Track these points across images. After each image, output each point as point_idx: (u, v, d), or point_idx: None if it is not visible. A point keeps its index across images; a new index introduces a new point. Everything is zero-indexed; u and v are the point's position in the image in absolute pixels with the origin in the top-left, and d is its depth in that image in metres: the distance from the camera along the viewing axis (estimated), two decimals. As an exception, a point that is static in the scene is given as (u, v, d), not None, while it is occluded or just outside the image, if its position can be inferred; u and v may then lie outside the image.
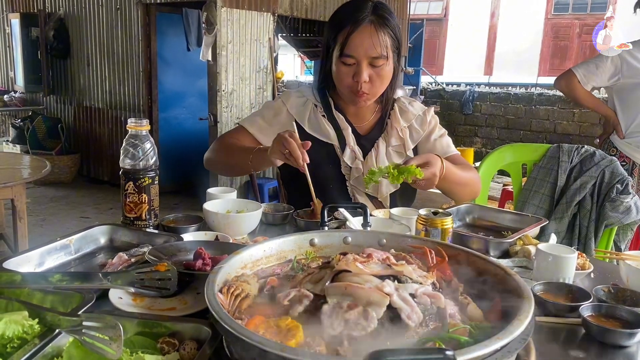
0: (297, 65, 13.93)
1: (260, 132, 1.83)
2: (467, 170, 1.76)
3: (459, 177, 1.68)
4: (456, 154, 1.86)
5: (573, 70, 3.00)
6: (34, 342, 0.79)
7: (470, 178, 1.76)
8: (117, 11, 6.32)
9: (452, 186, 1.70)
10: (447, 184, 1.65)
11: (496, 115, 9.06)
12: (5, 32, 8.04)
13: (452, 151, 1.85)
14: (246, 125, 1.85)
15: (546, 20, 11.89)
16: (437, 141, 1.85)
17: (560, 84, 3.08)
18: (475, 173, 1.82)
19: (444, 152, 1.82)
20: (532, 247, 1.38)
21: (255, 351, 0.71)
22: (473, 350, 0.70)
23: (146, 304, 1.04)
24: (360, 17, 1.64)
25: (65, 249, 1.30)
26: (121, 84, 6.50)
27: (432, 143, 1.85)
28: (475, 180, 1.79)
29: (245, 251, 1.05)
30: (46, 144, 6.78)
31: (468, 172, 1.76)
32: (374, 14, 1.65)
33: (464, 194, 1.78)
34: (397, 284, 0.90)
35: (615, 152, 2.97)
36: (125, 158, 1.45)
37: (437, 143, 1.85)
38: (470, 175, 1.76)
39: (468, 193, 1.79)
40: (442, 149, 1.84)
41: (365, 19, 1.64)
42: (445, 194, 1.78)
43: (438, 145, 1.84)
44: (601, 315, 1.06)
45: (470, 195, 1.81)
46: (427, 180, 1.51)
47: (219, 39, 5.21)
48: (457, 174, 1.66)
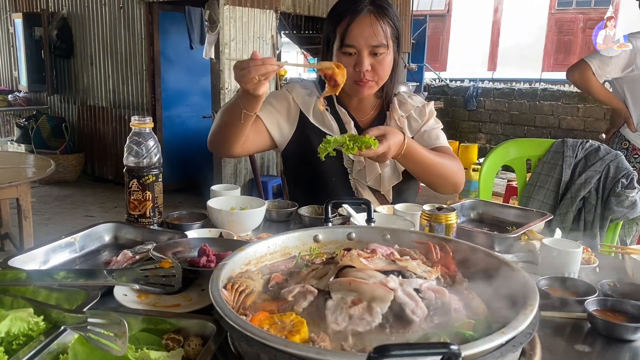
0: (300, 62, 13.92)
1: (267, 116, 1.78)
2: (444, 157, 1.70)
3: (426, 158, 1.62)
4: (443, 146, 1.80)
5: (587, 61, 2.88)
6: (40, 339, 0.80)
7: (446, 165, 1.69)
8: (120, 10, 6.33)
9: (418, 168, 1.65)
10: (411, 163, 1.62)
11: (500, 111, 9.02)
12: (8, 32, 8.06)
13: (439, 143, 1.80)
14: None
15: (550, 15, 11.83)
16: (427, 132, 1.82)
17: (574, 76, 2.96)
18: (455, 164, 1.73)
19: (430, 144, 1.78)
20: (536, 242, 1.38)
21: (259, 347, 0.71)
22: (478, 345, 0.70)
23: (151, 300, 1.04)
24: (359, 7, 1.65)
25: (70, 247, 1.30)
26: (125, 83, 6.51)
27: (421, 133, 1.82)
28: (452, 168, 1.71)
29: (249, 248, 1.05)
30: (50, 143, 6.79)
31: (444, 158, 1.69)
32: (372, 4, 1.66)
33: (439, 182, 1.71)
34: (401, 279, 0.90)
35: (628, 145, 2.93)
36: (129, 156, 1.45)
37: (425, 134, 1.81)
38: (446, 162, 1.69)
39: (444, 182, 1.71)
40: (429, 139, 1.80)
41: (364, 8, 1.65)
42: (417, 178, 1.75)
43: (426, 136, 1.81)
44: (607, 309, 1.06)
45: (449, 185, 1.73)
46: (381, 154, 1.48)
47: (222, 36, 5.21)
48: (424, 155, 1.61)
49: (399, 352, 0.62)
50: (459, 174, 1.75)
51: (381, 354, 0.62)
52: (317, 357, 0.68)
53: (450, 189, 1.74)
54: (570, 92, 8.30)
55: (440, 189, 1.74)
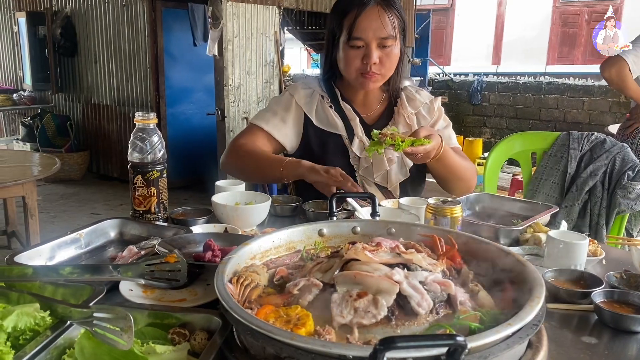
0: (304, 59, 13.91)
1: (275, 129, 1.81)
2: (464, 160, 1.77)
3: (454, 162, 1.69)
4: (456, 147, 1.85)
5: (623, 57, 2.76)
6: (46, 333, 0.80)
7: (466, 168, 1.76)
8: (124, 8, 6.33)
9: (446, 170, 1.70)
10: (441, 166, 1.66)
11: (505, 105, 8.98)
12: (12, 32, 8.08)
13: (452, 143, 1.84)
14: (261, 124, 1.81)
15: (554, 8, 11.75)
16: (440, 132, 1.83)
17: (610, 73, 2.81)
18: (472, 166, 1.81)
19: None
20: (542, 234, 1.37)
21: (265, 340, 0.72)
22: (484, 336, 0.70)
23: (156, 295, 1.04)
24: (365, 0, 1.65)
25: (76, 243, 1.31)
26: (129, 81, 6.52)
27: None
28: (470, 171, 1.79)
29: (254, 242, 1.05)
30: (55, 141, 6.82)
31: (465, 161, 1.77)
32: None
33: (457, 185, 1.77)
34: (406, 272, 0.89)
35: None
36: (134, 152, 1.46)
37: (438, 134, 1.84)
38: (466, 165, 1.76)
39: (462, 184, 1.78)
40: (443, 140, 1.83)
41: (371, 1, 1.65)
42: (439, 180, 1.78)
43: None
44: (613, 301, 1.05)
45: (465, 187, 1.79)
46: (426, 153, 1.52)
47: (225, 33, 5.21)
48: (454, 158, 1.68)
49: (404, 344, 0.62)
50: (474, 176, 1.81)
51: (387, 345, 0.61)
52: (322, 350, 0.68)
53: (464, 190, 1.79)
54: (575, 86, 8.26)
55: (456, 190, 1.77)
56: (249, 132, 1.84)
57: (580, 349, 0.94)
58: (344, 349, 0.68)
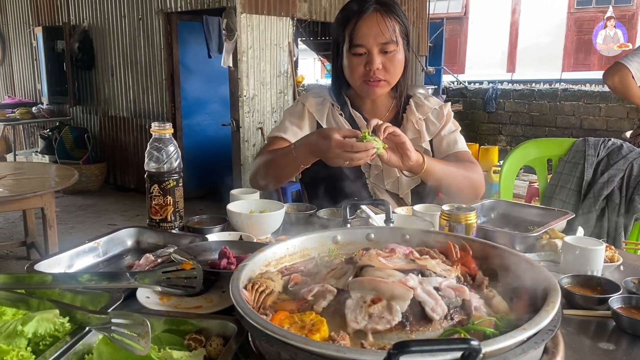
0: (318, 69, 13.98)
1: (294, 136, 1.81)
2: (463, 168, 1.71)
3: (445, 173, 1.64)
4: (462, 151, 1.81)
5: (625, 64, 2.75)
6: (65, 339, 0.81)
7: (465, 177, 1.70)
8: (140, 21, 6.43)
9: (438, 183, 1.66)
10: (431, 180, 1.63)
11: (520, 113, 8.92)
12: (32, 46, 8.24)
13: (458, 148, 1.81)
14: (279, 134, 1.83)
15: (569, 15, 11.69)
16: (446, 137, 1.82)
17: (614, 80, 2.81)
18: (475, 172, 1.74)
19: (449, 150, 1.80)
20: (558, 240, 1.36)
21: (280, 345, 0.72)
22: (499, 341, 0.70)
23: (173, 302, 1.05)
24: (365, 7, 1.67)
25: (94, 252, 1.33)
26: (145, 93, 6.61)
27: (441, 137, 1.82)
28: (472, 178, 1.72)
29: (269, 249, 1.06)
30: (73, 153, 6.92)
31: (464, 169, 1.71)
32: (377, 2, 1.68)
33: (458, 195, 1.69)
34: (420, 278, 0.89)
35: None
36: (150, 161, 1.48)
37: (444, 140, 1.82)
38: (465, 174, 1.70)
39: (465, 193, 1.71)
40: (447, 146, 1.81)
41: (370, 7, 1.67)
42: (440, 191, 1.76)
43: (445, 142, 1.82)
44: (631, 307, 1.04)
45: (469, 194, 1.73)
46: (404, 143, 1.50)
47: (240, 44, 5.26)
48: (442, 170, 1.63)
49: (418, 348, 0.62)
50: (479, 182, 1.75)
51: (401, 350, 0.61)
52: (337, 355, 0.68)
53: (471, 198, 1.74)
54: (592, 92, 8.19)
55: (461, 199, 1.74)
56: (269, 145, 1.86)
57: (597, 355, 0.93)
58: (359, 354, 0.68)
